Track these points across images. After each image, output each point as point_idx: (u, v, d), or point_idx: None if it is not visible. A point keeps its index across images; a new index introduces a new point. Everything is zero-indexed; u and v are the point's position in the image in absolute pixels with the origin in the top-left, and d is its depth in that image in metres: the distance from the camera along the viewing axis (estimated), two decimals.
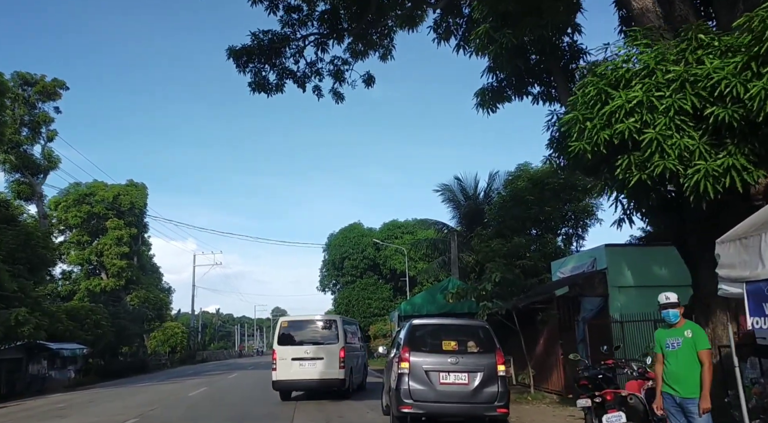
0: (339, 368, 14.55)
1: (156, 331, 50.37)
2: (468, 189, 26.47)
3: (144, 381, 27.87)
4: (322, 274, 51.17)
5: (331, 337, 15.01)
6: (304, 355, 14.65)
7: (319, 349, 14.74)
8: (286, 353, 14.75)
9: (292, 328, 15.60)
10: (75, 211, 47.08)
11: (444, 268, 26.72)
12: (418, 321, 9.48)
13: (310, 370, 14.51)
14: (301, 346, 14.84)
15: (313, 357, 14.63)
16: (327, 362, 14.57)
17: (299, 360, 14.60)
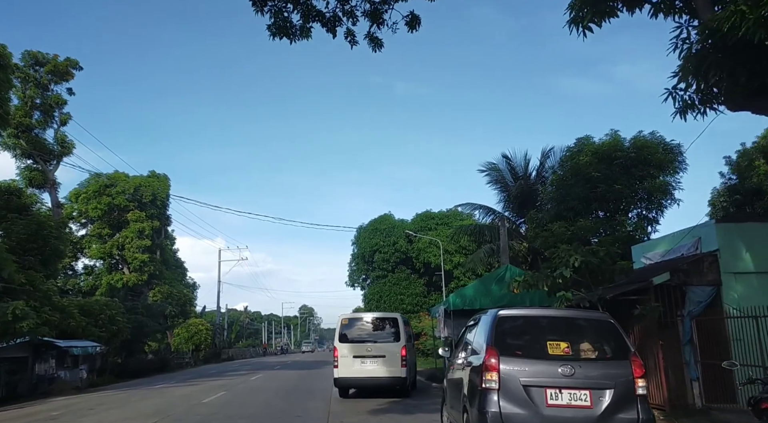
0: (401, 367, 14.49)
1: (179, 328, 48.43)
2: (517, 168, 23.44)
3: (161, 382, 25.62)
4: (350, 268, 48.57)
5: (392, 335, 14.96)
6: (365, 352, 14.66)
7: (381, 347, 14.70)
8: (347, 351, 14.78)
9: (353, 326, 15.48)
10: (95, 203, 45.40)
11: (492, 256, 23.72)
12: (507, 312, 6.58)
13: (372, 368, 14.53)
14: (362, 344, 14.86)
15: (374, 355, 14.60)
16: (389, 360, 14.51)
17: (361, 358, 14.63)
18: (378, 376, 14.50)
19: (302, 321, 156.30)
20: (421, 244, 43.09)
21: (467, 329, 7.84)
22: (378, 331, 15.25)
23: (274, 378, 24.34)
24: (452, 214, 45.43)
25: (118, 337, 28.15)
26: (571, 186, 19.33)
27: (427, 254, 42.30)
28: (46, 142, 30.99)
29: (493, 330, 6.20)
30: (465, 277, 41.78)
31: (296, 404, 14.25)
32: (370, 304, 44.28)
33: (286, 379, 23.46)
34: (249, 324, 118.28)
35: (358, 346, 14.82)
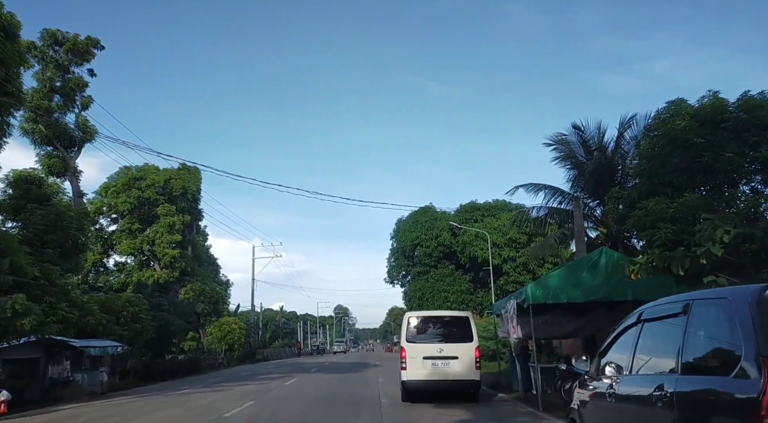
0: (475, 369, 13.60)
1: (211, 327, 46.33)
2: (590, 141, 19.98)
3: (187, 386, 23.17)
4: (389, 264, 45.67)
5: (464, 335, 13.89)
6: (436, 353, 13.59)
7: (453, 348, 13.66)
8: (416, 351, 13.67)
9: (421, 325, 14.42)
10: (124, 197, 43.74)
11: (562, 243, 20.36)
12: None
13: (444, 370, 13.55)
14: (432, 344, 13.77)
15: (446, 356, 13.56)
16: (462, 362, 13.56)
17: (431, 359, 13.55)
18: (450, 379, 13.49)
19: (337, 321, 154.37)
20: (466, 237, 39.88)
21: (633, 330, 4.70)
22: (449, 330, 14.14)
23: (311, 383, 21.56)
24: (499, 205, 42.07)
25: (141, 336, 25.86)
26: (666, 156, 15.81)
27: (473, 248, 39.05)
28: (67, 127, 29.03)
29: None
30: (515, 272, 38.43)
31: (339, 420, 11.36)
32: (412, 302, 41.27)
33: (324, 384, 20.65)
34: (285, 324, 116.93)
35: (428, 347, 13.68)
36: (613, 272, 12.19)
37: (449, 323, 14.38)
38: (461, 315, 14.75)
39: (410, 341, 13.83)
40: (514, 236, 38.15)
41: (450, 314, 15.52)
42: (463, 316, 14.48)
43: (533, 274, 38.10)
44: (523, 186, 20.79)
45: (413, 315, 14.57)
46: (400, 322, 77.61)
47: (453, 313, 16.18)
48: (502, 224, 38.98)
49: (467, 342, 13.71)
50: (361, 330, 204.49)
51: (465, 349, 13.62)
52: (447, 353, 13.53)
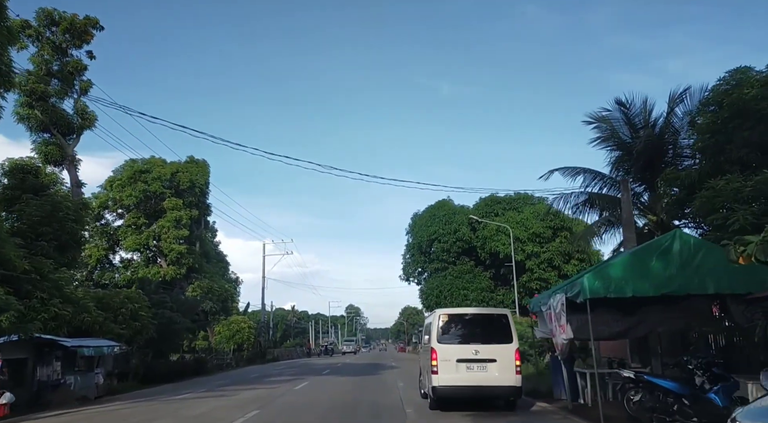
0: (515, 373, 11.98)
1: (220, 326, 44.60)
2: (635, 118, 17.78)
3: (189, 389, 21.36)
4: (405, 260, 43.59)
5: (503, 335, 12.24)
6: (472, 356, 12.00)
7: (492, 350, 12.06)
8: (449, 353, 12.06)
9: (454, 324, 12.76)
10: (129, 190, 42.06)
11: (607, 231, 18.17)
12: None
13: (481, 375, 11.93)
14: (467, 346, 12.12)
15: (484, 358, 11.98)
16: (501, 365, 11.95)
17: (466, 362, 11.99)
18: (488, 385, 11.86)
19: (349, 320, 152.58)
20: (486, 232, 37.74)
21: None
22: (485, 330, 12.49)
23: (323, 387, 19.60)
24: (521, 198, 39.85)
25: (142, 335, 24.05)
26: (733, 130, 13.70)
27: (494, 243, 36.89)
28: (65, 113, 27.32)
29: None
30: (539, 269, 36.27)
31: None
32: (429, 300, 39.21)
33: (337, 389, 18.69)
34: (296, 323, 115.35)
35: (462, 349, 12.05)
36: (689, 260, 10.08)
37: (485, 322, 12.70)
38: (499, 312, 12.92)
39: (442, 342, 12.15)
40: (538, 230, 36.00)
41: (486, 312, 13.76)
42: (502, 314, 12.73)
43: (558, 270, 35.94)
44: (559, 170, 18.64)
45: (445, 312, 12.79)
46: (414, 322, 75.97)
47: (490, 310, 14.38)
48: (525, 218, 36.83)
49: (506, 343, 12.07)
50: (372, 330, 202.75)
51: (504, 351, 11.99)
52: (484, 356, 11.89)
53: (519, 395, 12.10)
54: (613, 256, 12.54)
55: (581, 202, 18.28)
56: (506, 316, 12.38)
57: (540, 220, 36.40)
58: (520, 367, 12.03)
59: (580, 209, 18.39)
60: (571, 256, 36.17)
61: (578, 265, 36.33)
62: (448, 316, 12.54)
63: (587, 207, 18.45)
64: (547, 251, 35.81)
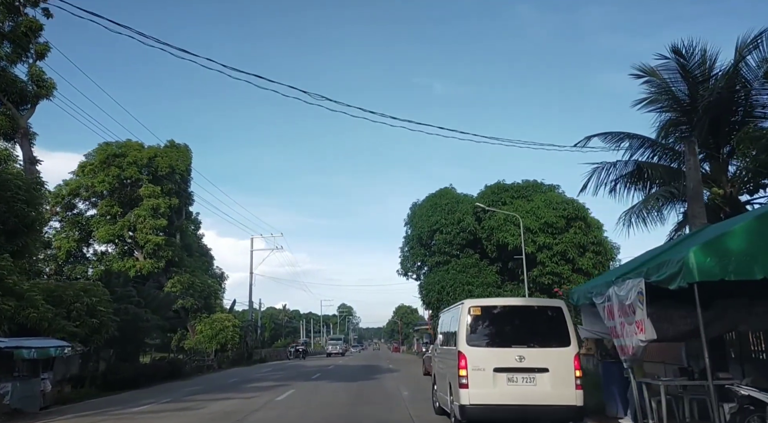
0: (575, 388, 8.62)
1: (201, 324, 41.07)
2: (695, 71, 14.51)
3: (153, 398, 18.00)
4: (402, 254, 40.18)
5: (557, 336, 8.88)
6: (515, 363, 8.56)
7: (541, 355, 8.65)
8: (483, 360, 8.67)
9: (489, 320, 9.28)
10: (102, 176, 38.53)
11: (666, 205, 14.84)
12: None
13: (528, 390, 8.45)
14: (509, 349, 8.69)
15: (530, 367, 8.53)
16: (555, 377, 8.52)
17: (507, 372, 8.57)
18: (538, 405, 8.66)
19: (341, 320, 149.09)
20: (493, 222, 34.43)
21: None
22: (533, 328, 9.25)
23: (313, 397, 16.25)
24: (530, 186, 36.59)
25: (100, 333, 20.56)
26: None
27: (502, 234, 33.58)
28: (18, 80, 23.78)
29: None
30: (551, 262, 32.99)
31: None
32: (429, 296, 35.87)
33: (329, 400, 15.35)
34: (287, 322, 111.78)
35: (501, 353, 8.82)
36: None
37: (532, 317, 9.45)
38: (551, 304, 9.59)
39: (473, 344, 8.93)
40: (551, 220, 32.74)
41: (533, 303, 10.32)
42: (555, 306, 9.43)
43: (572, 264, 32.71)
44: (599, 135, 15.34)
45: (476, 305, 9.36)
46: (409, 321, 72.26)
47: (538, 301, 10.81)
48: (536, 206, 33.54)
49: (562, 346, 8.93)
50: (365, 329, 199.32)
51: (559, 356, 8.84)
52: (531, 363, 8.70)
53: (580, 418, 8.90)
54: (701, 229, 9.35)
55: (627, 174, 15.01)
56: (560, 309, 9.09)
57: (552, 209, 33.18)
58: (581, 380, 8.72)
59: (627, 182, 15.10)
60: (586, 248, 32.98)
61: (593, 258, 33.15)
62: (481, 309, 9.15)
63: (633, 181, 15.16)
64: (561, 243, 32.57)
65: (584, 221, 33.66)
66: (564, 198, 34.46)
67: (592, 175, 15.02)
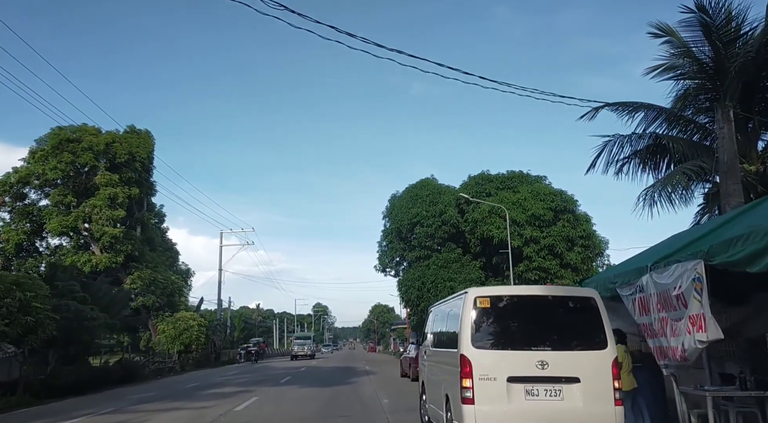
0: (614, 404, 6.42)
1: (164, 324, 38.23)
2: (721, 31, 12.60)
3: (93, 407, 15.48)
4: (381, 249, 37.99)
5: (590, 335, 6.72)
6: (536, 371, 6.37)
7: (569, 361, 6.54)
8: (494, 366, 6.47)
9: (501, 314, 6.91)
10: (54, 162, 35.40)
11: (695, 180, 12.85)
12: None
13: (553, 406, 6.34)
14: (527, 353, 6.52)
15: (556, 376, 6.37)
16: (588, 389, 6.39)
17: (526, 382, 6.38)
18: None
19: (316, 319, 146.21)
20: (477, 214, 32.52)
21: None
22: (558, 325, 7.02)
23: (278, 407, 13.95)
24: (516, 177, 34.78)
25: (36, 333, 17.89)
26: None
27: (487, 226, 31.67)
28: None
29: None
30: (539, 257, 31.21)
31: None
32: (409, 293, 33.77)
33: (297, 410, 13.09)
34: (261, 322, 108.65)
35: (518, 358, 6.61)
36: None
37: (557, 310, 7.10)
38: (581, 294, 7.28)
39: (480, 346, 6.66)
40: (538, 212, 30.94)
41: (558, 292, 7.83)
42: (586, 297, 7.08)
43: (560, 258, 30.98)
44: (610, 106, 13.34)
45: (483, 294, 6.97)
46: (385, 320, 70.03)
47: (563, 290, 8.63)
48: (522, 198, 31.71)
49: (596, 348, 6.68)
50: (340, 329, 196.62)
51: (593, 362, 6.61)
52: (557, 371, 6.47)
53: None
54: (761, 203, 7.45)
55: (643, 149, 13.05)
56: (593, 301, 6.88)
57: (540, 201, 31.39)
58: (621, 393, 6.59)
59: (643, 158, 13.14)
60: (574, 242, 31.28)
61: (582, 252, 31.49)
62: (491, 300, 6.84)
63: (649, 157, 13.20)
64: (548, 236, 30.80)
65: (573, 214, 31.99)
66: (552, 189, 32.74)
67: (602, 150, 13.03)
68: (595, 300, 6.83)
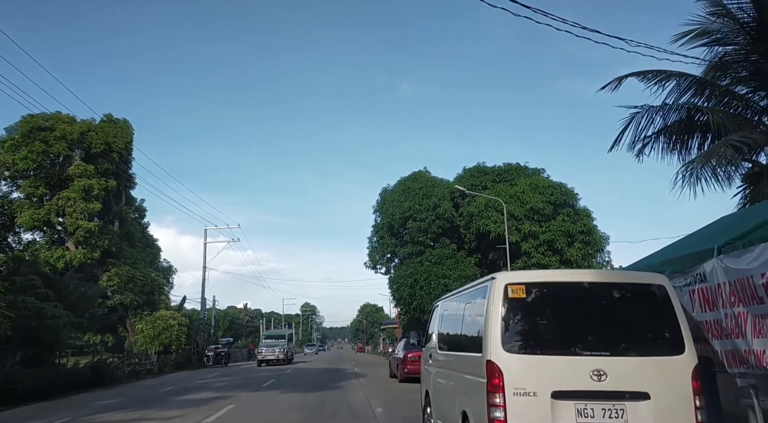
0: None
1: (142, 323, 36.25)
2: None
3: (50, 416, 13.78)
4: (371, 245, 36.29)
5: (659, 336, 5.10)
6: (590, 384, 4.69)
7: (634, 370, 4.78)
8: (533, 378, 4.78)
9: (540, 308, 5.18)
10: (25, 151, 33.32)
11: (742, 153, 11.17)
12: None
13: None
14: (578, 359, 4.82)
15: (617, 391, 4.69)
16: (660, 408, 4.67)
17: (578, 398, 4.69)
18: None
19: (304, 319, 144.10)
20: (473, 208, 30.92)
21: None
22: (616, 322, 5.14)
23: (256, 416, 12.22)
24: (513, 169, 33.26)
25: None
26: None
27: (483, 220, 30.07)
28: None
29: None
30: (537, 252, 29.66)
31: None
32: (401, 291, 32.09)
33: (278, 421, 11.34)
34: (248, 322, 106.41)
35: (564, 366, 4.79)
36: None
37: (616, 303, 5.26)
38: (647, 281, 5.34)
39: (514, 349, 4.99)
40: (537, 205, 29.42)
41: (616, 278, 5.66)
42: (652, 285, 5.26)
43: (560, 254, 29.47)
44: (636, 74, 11.74)
45: (516, 281, 5.19)
46: (374, 320, 68.19)
47: (623, 275, 6.04)
48: (520, 191, 30.17)
49: (671, 353, 4.98)
50: (329, 329, 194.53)
51: (667, 372, 4.90)
52: (619, 384, 4.76)
53: None
54: None
55: (675, 123, 11.45)
56: (663, 289, 5.17)
57: (539, 194, 29.86)
58: (703, 413, 4.89)
59: (673, 136, 11.54)
60: (574, 237, 29.78)
61: (582, 248, 30.00)
62: (527, 288, 5.12)
63: (683, 131, 11.60)
64: (548, 231, 29.28)
65: (573, 208, 30.50)
66: (551, 182, 31.23)
67: (629, 124, 11.39)
68: (665, 288, 5.16)
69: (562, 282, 5.22)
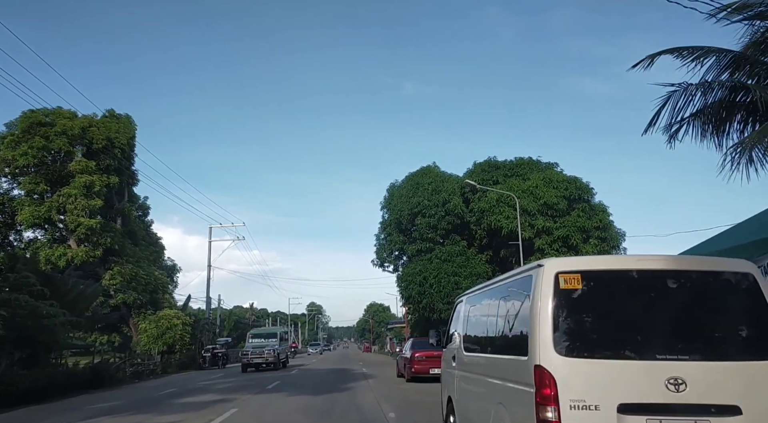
0: None
1: (146, 323, 35.52)
2: None
3: (42, 420, 12.84)
4: (379, 242, 35.38)
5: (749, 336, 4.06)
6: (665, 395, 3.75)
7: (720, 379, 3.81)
8: (594, 386, 3.84)
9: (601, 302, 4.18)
10: (25, 147, 32.64)
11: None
12: None
13: None
14: (650, 365, 3.86)
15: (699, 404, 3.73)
16: None
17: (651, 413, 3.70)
18: None
19: (310, 318, 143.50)
20: (484, 203, 29.96)
21: None
22: (695, 318, 4.09)
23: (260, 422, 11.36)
24: (525, 163, 32.26)
25: None
26: None
27: (494, 216, 29.11)
28: None
29: None
30: (551, 249, 28.63)
31: None
32: (409, 289, 31.16)
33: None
34: (255, 322, 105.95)
35: (633, 373, 3.78)
36: None
37: (694, 295, 4.23)
38: (730, 268, 4.28)
39: (569, 352, 3.99)
40: (551, 201, 28.43)
41: (692, 266, 4.40)
42: (738, 273, 4.24)
43: (576, 251, 28.46)
44: (670, 51, 10.78)
45: (572, 268, 4.21)
46: (380, 319, 67.86)
47: (700, 261, 4.66)
48: (533, 185, 29.19)
49: (763, 357, 3.93)
50: (335, 328, 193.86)
51: (759, 380, 3.86)
52: (701, 396, 3.78)
53: None
54: None
55: (716, 103, 10.47)
56: (751, 278, 4.20)
57: (553, 188, 28.87)
58: None
59: (712, 117, 10.57)
60: (590, 234, 28.78)
61: (598, 245, 28.98)
62: (582, 277, 4.14)
63: (722, 115, 10.62)
64: (562, 227, 28.30)
65: (588, 203, 29.50)
66: (565, 177, 30.23)
67: (666, 103, 10.42)
68: (754, 276, 4.23)
69: (626, 270, 4.29)
